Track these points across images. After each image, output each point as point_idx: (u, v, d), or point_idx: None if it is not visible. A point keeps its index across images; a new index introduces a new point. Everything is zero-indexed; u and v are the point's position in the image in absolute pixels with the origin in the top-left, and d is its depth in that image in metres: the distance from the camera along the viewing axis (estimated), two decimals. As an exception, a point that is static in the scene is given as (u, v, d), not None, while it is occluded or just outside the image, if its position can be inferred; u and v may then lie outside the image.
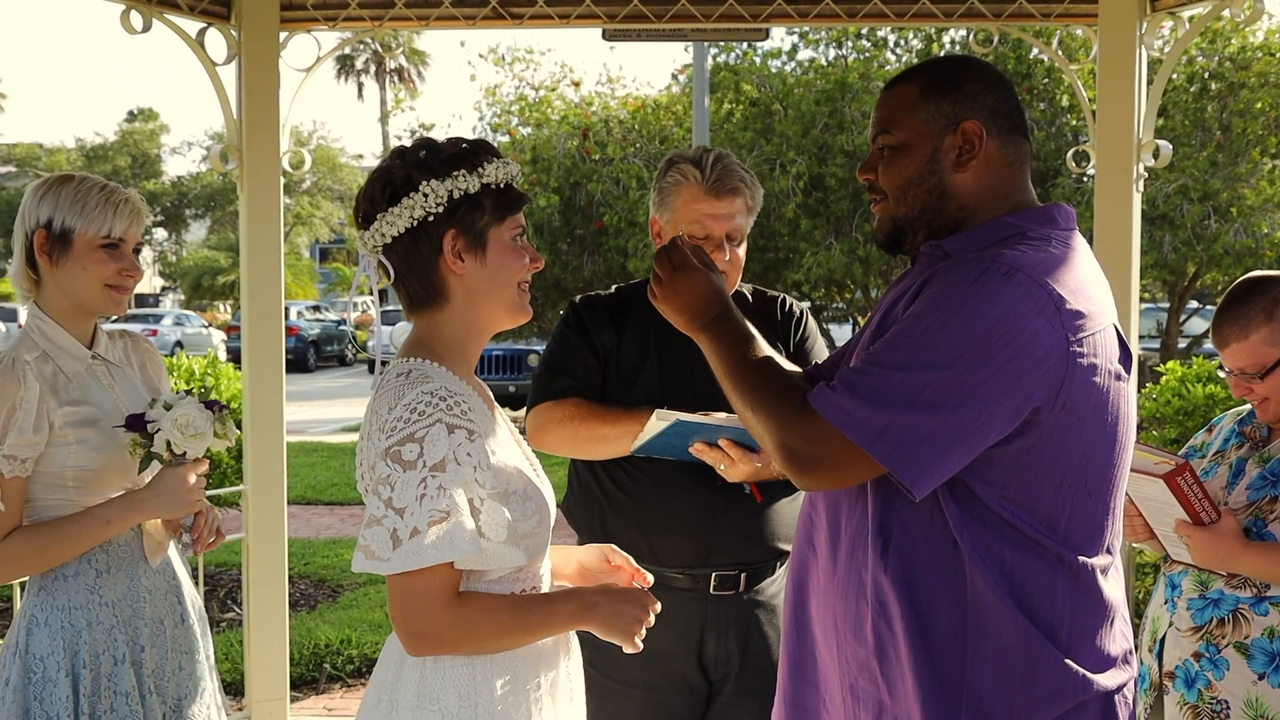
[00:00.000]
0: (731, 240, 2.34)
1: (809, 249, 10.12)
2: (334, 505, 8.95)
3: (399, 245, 1.66)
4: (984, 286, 1.47)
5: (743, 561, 2.31)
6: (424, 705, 1.60)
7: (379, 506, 1.55)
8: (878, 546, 1.55)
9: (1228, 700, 2.17)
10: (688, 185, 2.33)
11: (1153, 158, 3.56)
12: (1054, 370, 1.47)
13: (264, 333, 3.69)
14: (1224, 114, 10.21)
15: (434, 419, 1.55)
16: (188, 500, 2.19)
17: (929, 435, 1.45)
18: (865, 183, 1.71)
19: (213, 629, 5.26)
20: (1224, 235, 9.78)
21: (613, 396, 2.34)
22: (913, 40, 10.89)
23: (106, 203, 2.19)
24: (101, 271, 2.19)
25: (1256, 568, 2.14)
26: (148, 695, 2.18)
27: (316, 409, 16.31)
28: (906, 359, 1.48)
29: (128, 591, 2.20)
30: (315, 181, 38.00)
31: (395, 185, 1.65)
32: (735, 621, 2.31)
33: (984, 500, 1.50)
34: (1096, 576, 1.56)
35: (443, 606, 1.57)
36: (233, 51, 3.58)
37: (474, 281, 1.68)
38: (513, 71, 12.12)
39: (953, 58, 1.74)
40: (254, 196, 3.64)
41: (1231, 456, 2.33)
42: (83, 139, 42.08)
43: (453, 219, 1.64)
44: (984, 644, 1.50)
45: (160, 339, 24.18)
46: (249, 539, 3.69)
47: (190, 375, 5.51)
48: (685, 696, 2.33)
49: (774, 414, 1.56)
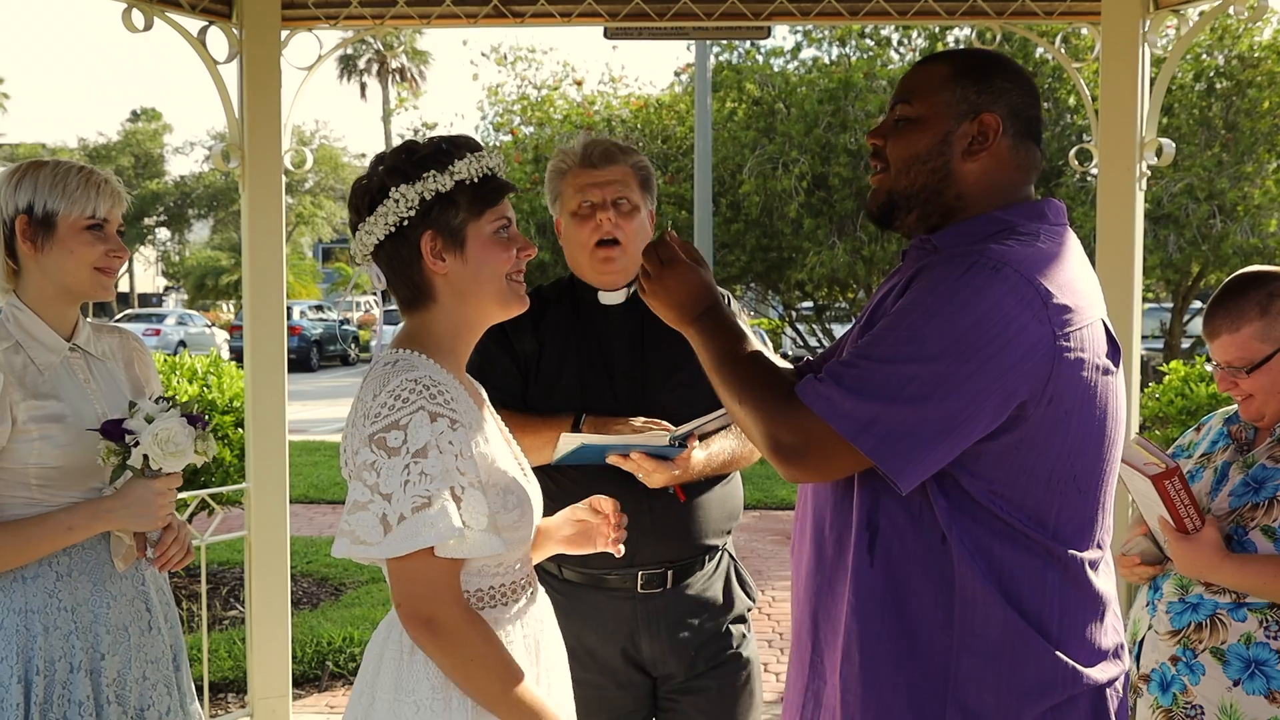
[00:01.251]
0: (617, 206, 2.32)
1: (812, 248, 10.12)
2: (336, 504, 8.96)
3: (382, 252, 1.69)
4: (971, 280, 1.47)
5: (669, 559, 2.31)
6: (400, 697, 1.63)
7: (364, 492, 1.57)
8: (863, 540, 1.55)
9: (1202, 705, 2.14)
10: (567, 168, 2.38)
11: (1155, 156, 3.54)
12: (1040, 364, 1.46)
13: (266, 330, 3.68)
14: (1230, 113, 10.19)
15: (417, 406, 1.57)
16: (155, 515, 2.10)
17: (915, 428, 1.45)
18: (872, 147, 1.70)
19: (215, 627, 5.31)
20: (1230, 235, 9.76)
21: (534, 403, 2.34)
22: (917, 39, 10.88)
23: (88, 184, 2.14)
24: (89, 254, 2.14)
25: (1234, 579, 2.12)
26: (106, 705, 2.08)
27: (320, 408, 16.33)
28: (893, 351, 1.48)
29: (90, 596, 2.10)
30: (318, 181, 38.08)
31: (372, 193, 1.69)
32: (665, 618, 2.32)
33: (973, 494, 1.50)
34: (1086, 570, 1.55)
35: (451, 595, 1.59)
36: (234, 50, 3.58)
37: (458, 279, 1.69)
38: (515, 71, 12.14)
39: (991, 51, 1.74)
40: (256, 195, 3.64)
41: (1217, 460, 2.31)
42: (86, 139, 42.17)
43: (427, 220, 1.66)
44: (971, 638, 1.49)
45: (163, 338, 24.24)
46: (251, 537, 3.69)
47: (193, 374, 5.52)
48: (629, 692, 2.34)
49: (760, 405, 1.56)
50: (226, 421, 5.32)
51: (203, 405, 5.34)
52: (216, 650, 4.83)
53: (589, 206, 2.33)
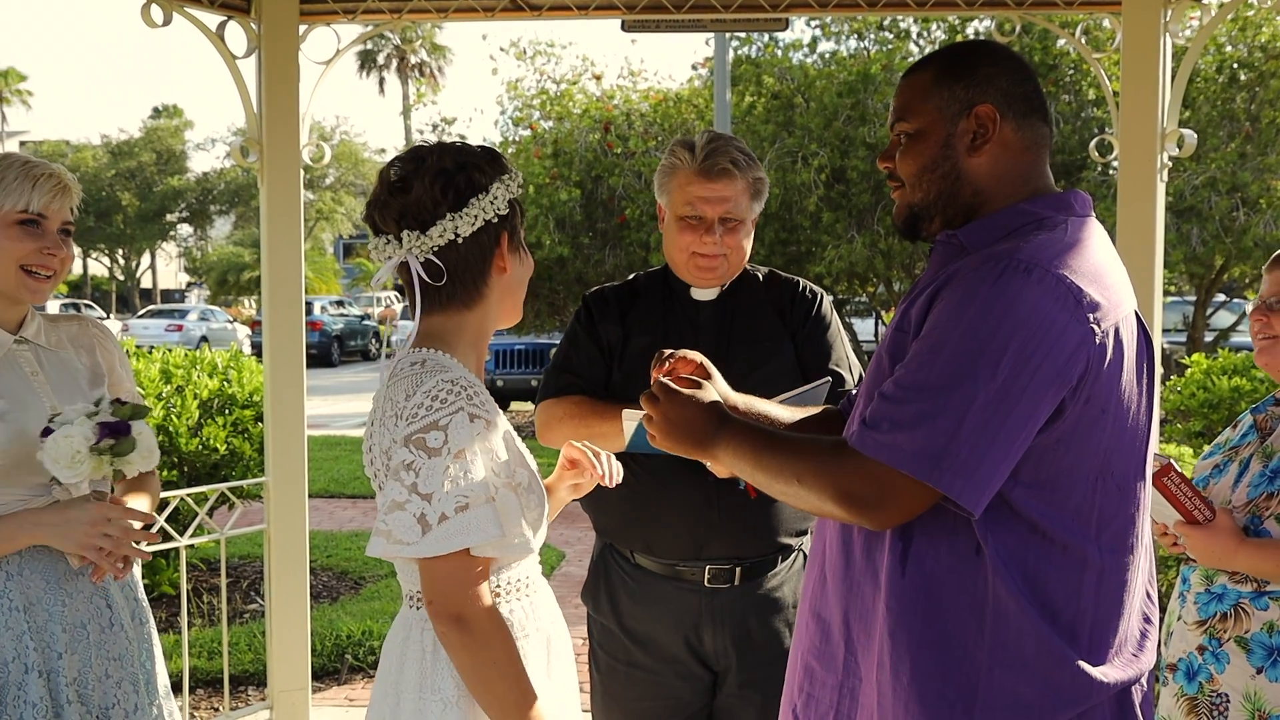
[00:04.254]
0: (725, 223, 2.30)
1: (830, 242, 10.08)
2: (356, 499, 9.01)
3: (462, 246, 1.67)
4: (1005, 287, 1.44)
5: (738, 555, 2.29)
6: (426, 695, 1.63)
7: (402, 492, 1.56)
8: (897, 550, 1.52)
9: (1227, 694, 2.15)
10: (681, 168, 2.32)
11: (1177, 147, 3.51)
12: (1079, 363, 1.45)
13: (285, 324, 3.69)
14: (1253, 104, 10.07)
15: (456, 407, 1.58)
16: (81, 543, 1.99)
17: (985, 453, 1.42)
18: (885, 171, 1.71)
19: (236, 620, 5.35)
20: (1253, 227, 9.65)
21: (617, 391, 2.34)
22: (936, 31, 10.81)
23: (25, 176, 2.03)
24: (15, 250, 2.02)
25: (1253, 564, 2.13)
26: (65, 706, 2.00)
27: (340, 403, 16.40)
28: (942, 378, 1.44)
29: (43, 594, 2.02)
30: (338, 176, 38.20)
31: (458, 189, 1.67)
32: (731, 615, 2.30)
33: (1010, 502, 1.47)
34: (1122, 572, 1.53)
35: (480, 594, 1.59)
36: (253, 45, 3.59)
37: (512, 280, 1.74)
38: (534, 65, 12.14)
39: (969, 43, 1.72)
40: (274, 189, 3.65)
41: (1244, 454, 2.31)
42: (108, 136, 42.43)
43: (507, 221, 1.71)
44: (1002, 652, 1.47)
45: (185, 334, 24.43)
46: (270, 531, 3.70)
47: (213, 368, 5.55)
48: (688, 683, 2.33)
49: (818, 472, 1.50)
50: (246, 416, 5.35)
51: (223, 399, 5.37)
52: (236, 643, 4.86)
53: (696, 219, 2.30)
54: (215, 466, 5.24)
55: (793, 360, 2.35)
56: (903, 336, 1.56)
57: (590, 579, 2.46)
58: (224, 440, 5.19)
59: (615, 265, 10.86)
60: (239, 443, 5.28)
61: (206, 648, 4.85)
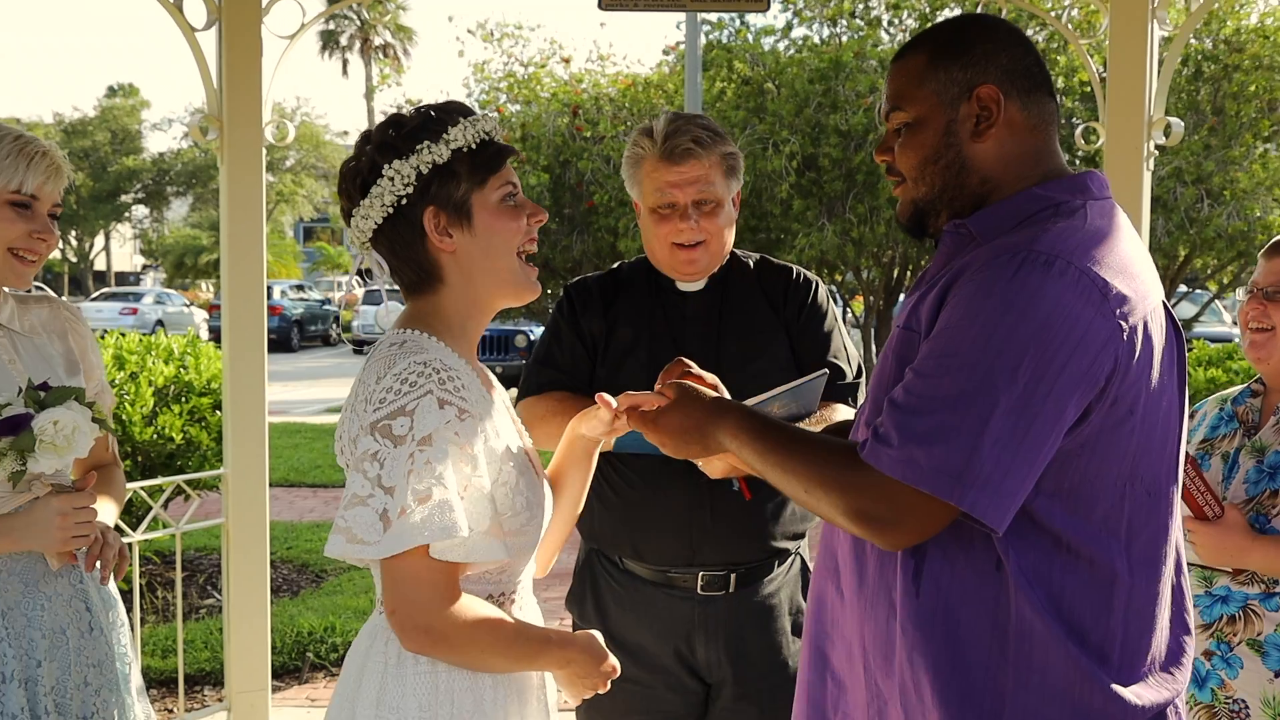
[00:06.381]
0: (700, 206, 2.17)
1: (801, 230, 10.02)
2: (317, 488, 8.83)
3: (382, 235, 1.56)
4: (1025, 282, 1.33)
5: (732, 561, 2.19)
6: (383, 713, 1.49)
7: (364, 485, 1.43)
8: (910, 568, 1.41)
9: (1245, 699, 2.11)
10: (646, 156, 2.19)
11: (1164, 135, 3.48)
12: (1106, 363, 1.34)
13: (245, 308, 3.55)
14: (1218, 97, 10.14)
15: (425, 390, 1.45)
16: (54, 538, 1.93)
17: (1010, 466, 1.30)
18: (883, 164, 1.59)
19: (192, 616, 5.19)
20: (1216, 219, 9.73)
21: (600, 385, 2.22)
22: (908, 19, 10.77)
23: (20, 154, 1.93)
24: (6, 231, 1.93)
25: (1267, 562, 2.07)
26: (44, 716, 1.94)
27: (300, 389, 16.16)
28: (960, 385, 1.32)
29: (21, 599, 1.94)
30: (299, 159, 37.69)
31: (362, 174, 1.56)
32: (725, 624, 2.20)
33: (1032, 512, 1.37)
34: (1154, 585, 1.43)
35: (450, 601, 1.46)
36: (213, 17, 3.44)
37: (467, 256, 1.56)
38: (501, 48, 11.97)
39: (960, 18, 1.60)
40: (235, 167, 3.50)
41: (1225, 447, 2.25)
42: (61, 114, 41.59)
43: (427, 195, 1.53)
44: (1028, 674, 1.37)
45: (140, 318, 23.95)
46: (229, 524, 3.57)
47: (169, 354, 5.37)
48: (680, 695, 2.23)
49: (831, 484, 1.39)
50: (204, 404, 5.17)
51: (179, 386, 5.19)
52: (192, 641, 4.71)
53: (669, 208, 2.17)
54: (170, 457, 5.05)
55: (788, 353, 2.24)
56: (912, 336, 1.44)
57: (575, 585, 2.34)
58: (180, 429, 5.00)
59: (583, 251, 10.75)
60: (196, 432, 5.09)
61: (160, 645, 4.68)
